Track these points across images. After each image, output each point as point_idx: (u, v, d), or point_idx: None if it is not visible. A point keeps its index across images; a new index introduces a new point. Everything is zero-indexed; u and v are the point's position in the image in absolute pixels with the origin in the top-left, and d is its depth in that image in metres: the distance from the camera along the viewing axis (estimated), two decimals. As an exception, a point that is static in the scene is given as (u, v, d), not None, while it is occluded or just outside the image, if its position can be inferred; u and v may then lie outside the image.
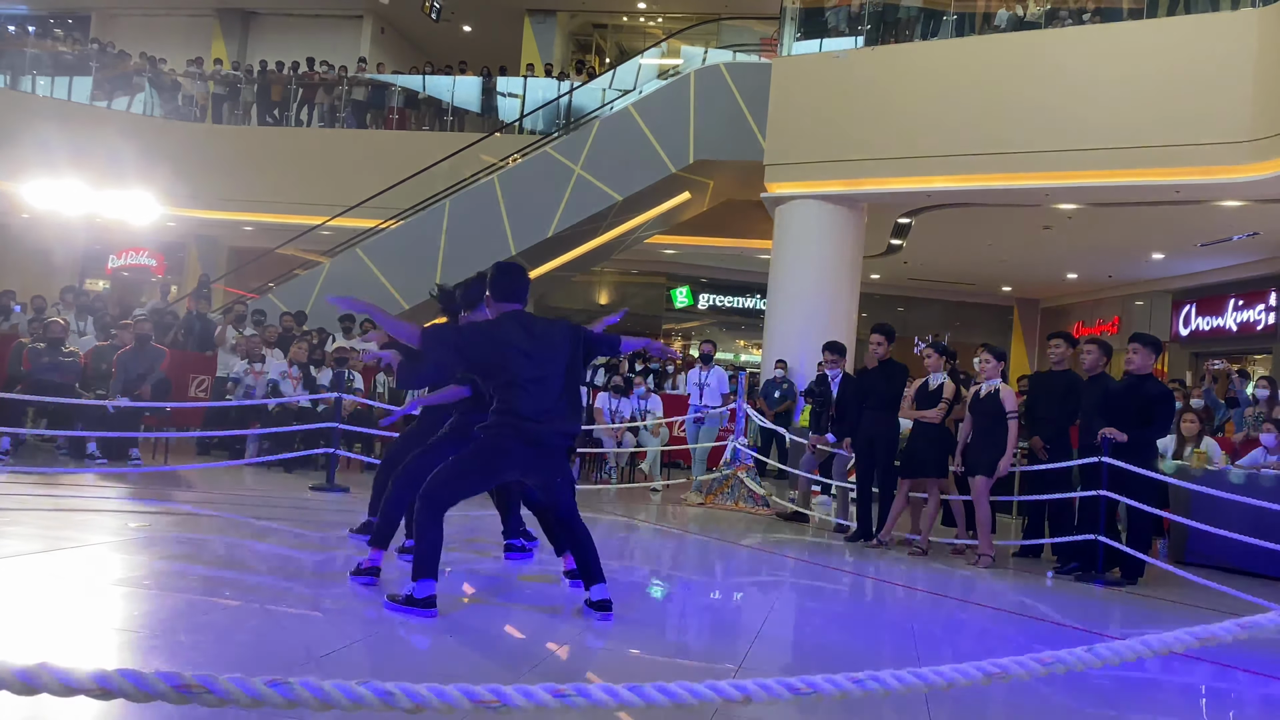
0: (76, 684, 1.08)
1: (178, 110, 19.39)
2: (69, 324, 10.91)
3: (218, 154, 18.36)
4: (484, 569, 5.99)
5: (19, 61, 18.52)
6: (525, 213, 15.18)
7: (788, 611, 5.78)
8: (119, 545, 5.76)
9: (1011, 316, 23.20)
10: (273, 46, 21.82)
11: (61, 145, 16.45)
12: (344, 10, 22.07)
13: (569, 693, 1.26)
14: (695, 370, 11.45)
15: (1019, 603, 6.39)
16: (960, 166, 12.47)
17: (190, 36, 22.33)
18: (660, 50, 19.42)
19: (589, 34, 23.45)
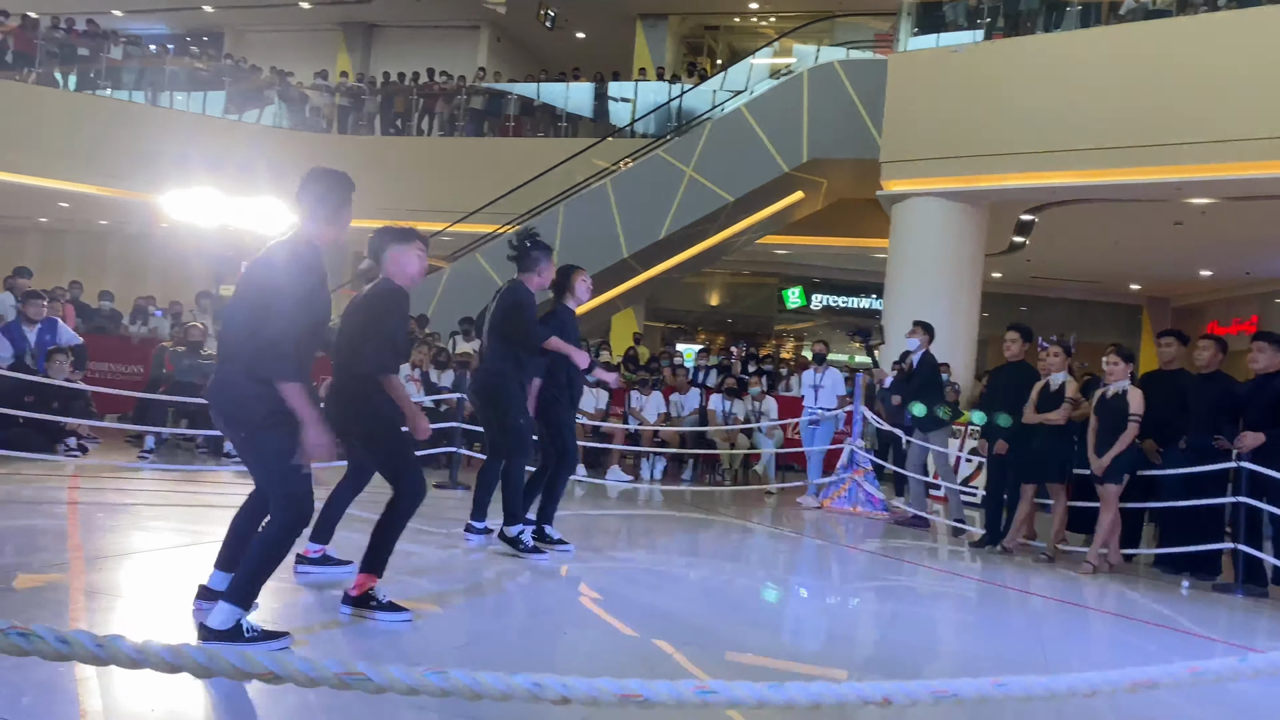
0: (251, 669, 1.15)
1: (305, 121, 20.12)
2: (206, 328, 11.42)
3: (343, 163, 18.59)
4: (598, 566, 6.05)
5: (158, 78, 19.47)
6: (637, 215, 15.29)
7: (909, 617, 5.68)
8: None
9: (1140, 316, 22.34)
10: (394, 58, 22.48)
11: (197, 157, 17.22)
12: (462, 21, 22.57)
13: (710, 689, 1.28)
14: (810, 371, 11.33)
15: (1154, 612, 6.15)
16: (1086, 161, 12.07)
17: (316, 50, 23.17)
18: (773, 50, 19.31)
19: (700, 36, 23.47)
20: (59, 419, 8.72)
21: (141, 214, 19.24)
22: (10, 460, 7.97)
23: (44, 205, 20.60)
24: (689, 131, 16.37)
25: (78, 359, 9.88)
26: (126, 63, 19.12)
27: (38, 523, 5.89)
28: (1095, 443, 7.23)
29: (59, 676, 3.08)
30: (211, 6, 23.08)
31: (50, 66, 18.42)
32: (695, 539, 7.86)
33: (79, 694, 2.96)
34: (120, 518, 6.38)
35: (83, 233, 23.01)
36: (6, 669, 3.04)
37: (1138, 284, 20.85)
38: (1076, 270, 19.70)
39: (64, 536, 5.44)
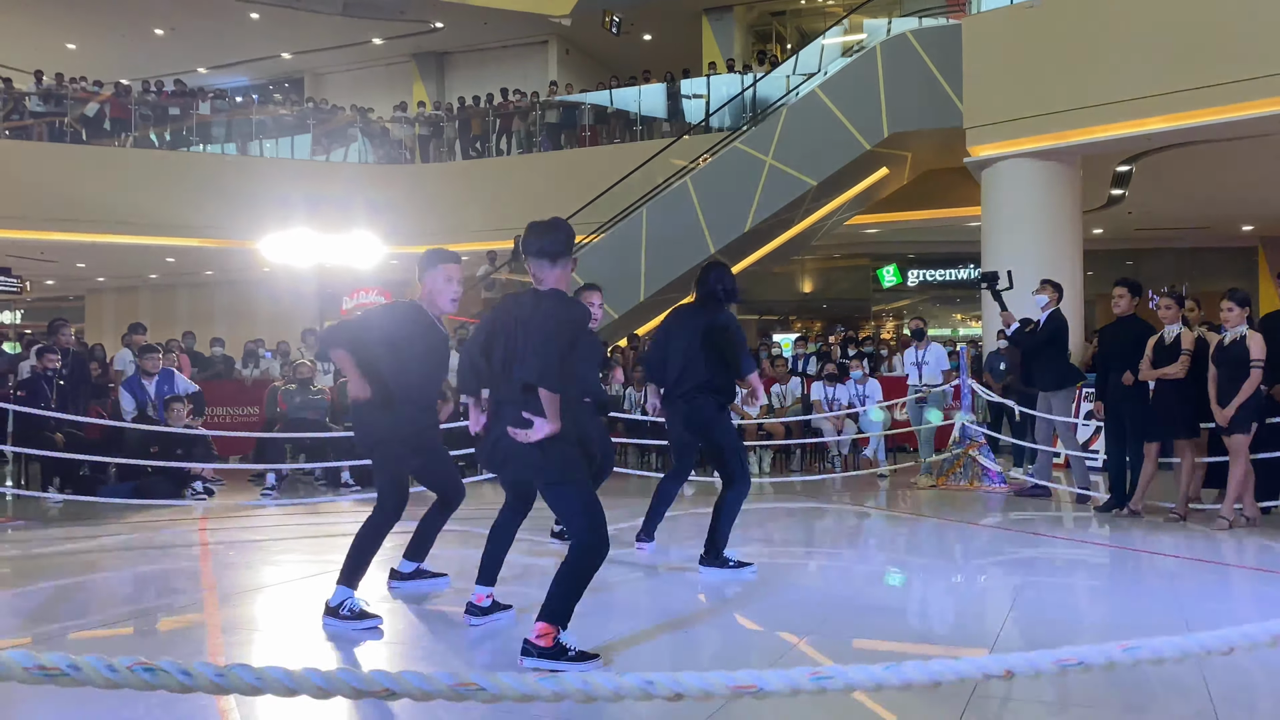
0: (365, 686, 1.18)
1: (389, 154, 20.61)
2: (314, 364, 11.76)
3: (428, 191, 19.40)
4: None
5: (246, 129, 20.17)
6: (720, 210, 15.22)
7: (1039, 589, 5.52)
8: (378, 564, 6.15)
9: (1256, 257, 21.34)
10: (467, 82, 22.87)
11: (290, 201, 17.80)
12: (529, 38, 22.82)
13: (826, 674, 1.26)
14: (911, 349, 11.13)
15: (1299, 565, 5.87)
16: (1181, 103, 11.57)
17: (392, 84, 23.71)
18: (842, 28, 19.03)
19: (768, 23, 23.27)
20: (184, 465, 9.08)
21: (244, 260, 19.95)
22: (142, 508, 8.33)
23: (152, 262, 21.55)
24: (764, 120, 16.24)
25: (196, 406, 10.27)
26: (215, 117, 19.85)
27: (173, 565, 6.14)
28: (1217, 393, 6.93)
29: (205, 712, 3.20)
30: (289, 53, 23.81)
31: (145, 129, 19.24)
32: (810, 528, 7.78)
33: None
34: (250, 554, 6.60)
35: (191, 285, 23.98)
36: (154, 707, 3.17)
37: (1250, 225, 19.92)
38: (1182, 217, 18.92)
39: (198, 576, 5.65)
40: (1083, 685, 3.55)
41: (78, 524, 7.77)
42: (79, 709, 3.20)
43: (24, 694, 3.36)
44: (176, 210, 18.28)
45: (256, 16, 21.29)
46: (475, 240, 19.06)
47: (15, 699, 3.36)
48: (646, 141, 18.32)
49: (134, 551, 6.69)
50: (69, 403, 9.33)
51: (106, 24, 21.57)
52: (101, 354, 12.87)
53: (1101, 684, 3.54)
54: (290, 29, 21.93)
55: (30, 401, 8.93)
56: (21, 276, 21.17)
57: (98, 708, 3.19)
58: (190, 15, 21.02)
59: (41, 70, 19.13)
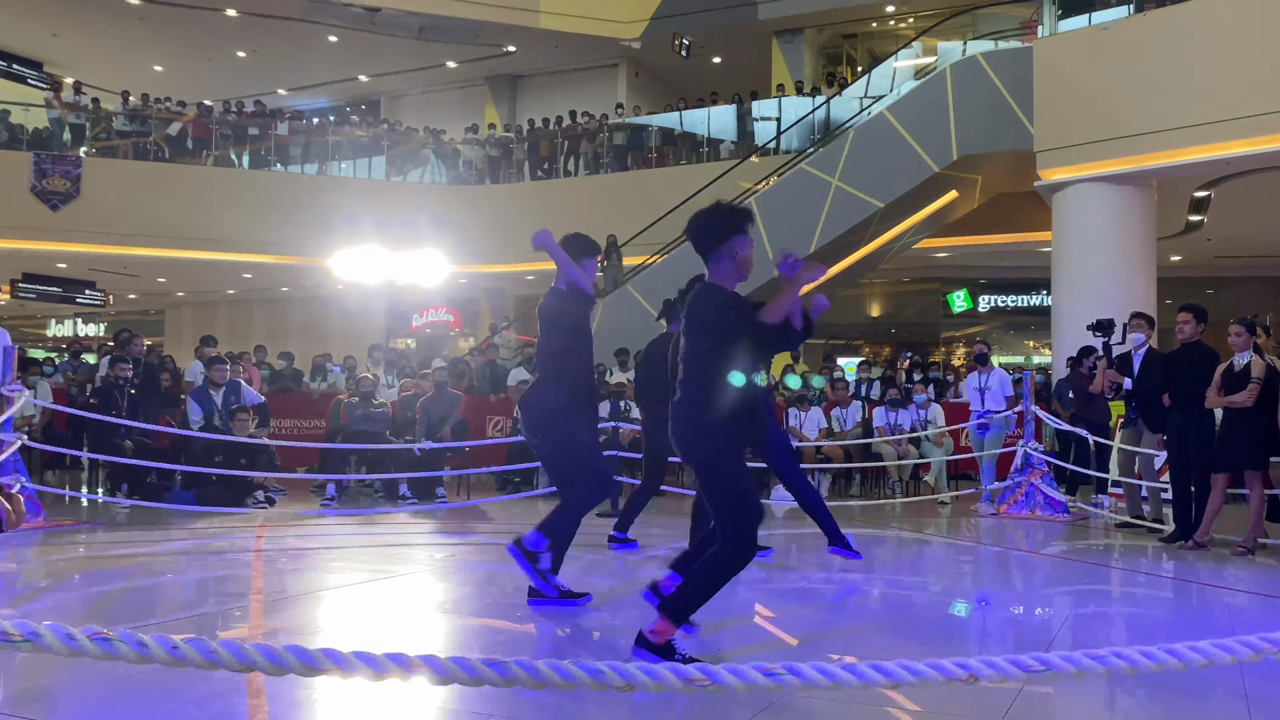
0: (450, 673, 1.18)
1: (459, 175, 20.93)
2: (379, 378, 11.94)
3: (497, 212, 19.63)
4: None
5: (323, 149, 20.64)
6: (785, 231, 15.14)
7: (1097, 620, 5.36)
8: (425, 574, 6.21)
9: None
10: (538, 104, 23.14)
11: (364, 220, 18.15)
12: (600, 61, 23.04)
13: (846, 670, 1.23)
14: (974, 374, 10.93)
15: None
16: (1260, 127, 11.26)
17: (465, 106, 24.09)
18: (914, 50, 18.87)
19: (839, 45, 23.19)
20: (247, 474, 9.27)
21: (317, 277, 20.37)
22: (205, 515, 8.52)
23: (230, 278, 22.11)
24: (832, 142, 16.15)
25: (261, 417, 10.49)
26: (293, 138, 20.35)
27: (229, 571, 6.26)
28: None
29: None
30: (366, 76, 24.35)
31: (225, 149, 19.80)
32: (868, 553, 7.66)
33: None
34: (303, 561, 6.70)
35: (266, 300, 24.54)
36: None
37: (1336, 252, 19.24)
38: (1265, 244, 18.34)
39: (248, 580, 5.75)
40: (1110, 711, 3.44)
41: (142, 529, 7.97)
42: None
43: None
44: (254, 227, 18.76)
45: (335, 40, 21.83)
46: (541, 260, 19.21)
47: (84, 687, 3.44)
48: (713, 163, 18.34)
49: (192, 556, 6.83)
50: (139, 411, 9.59)
51: (191, 47, 22.29)
52: (172, 365, 13.22)
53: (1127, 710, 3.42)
54: (367, 52, 22.43)
55: (102, 409, 9.20)
56: (105, 290, 21.90)
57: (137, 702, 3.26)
58: (271, 38, 21.63)
59: (128, 91, 19.81)
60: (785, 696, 3.34)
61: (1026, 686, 3.54)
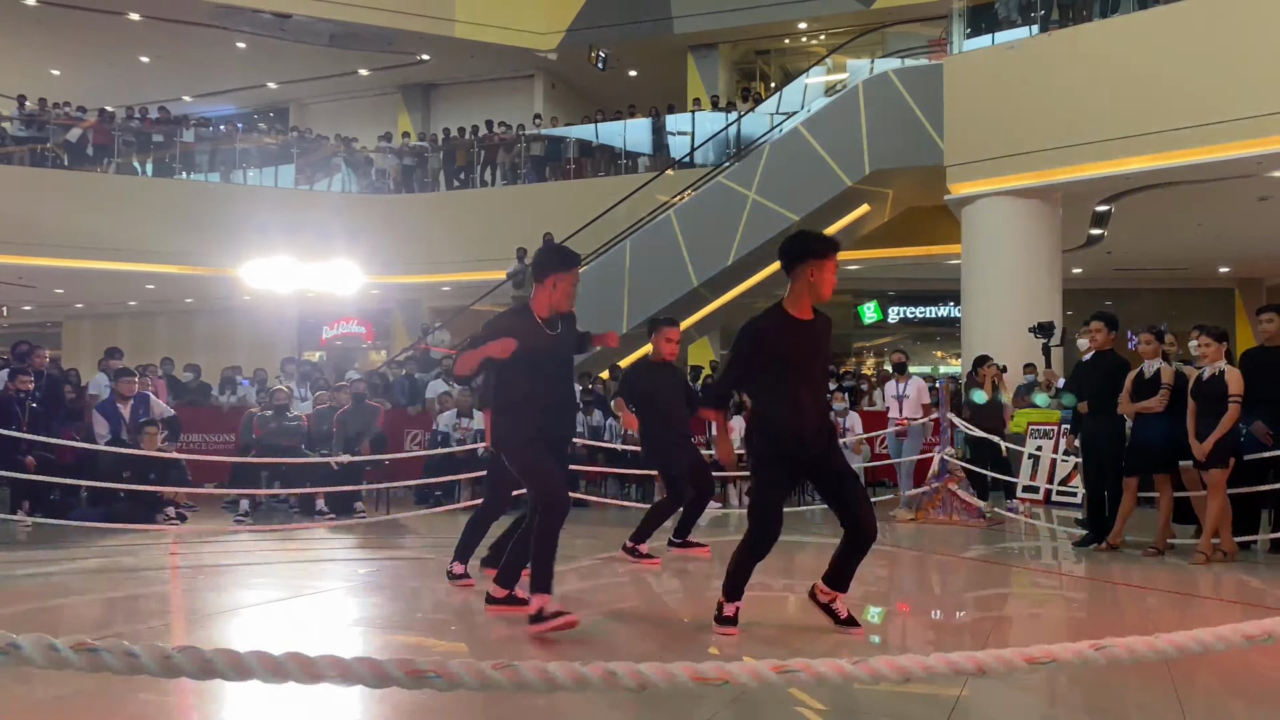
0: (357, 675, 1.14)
1: (372, 184, 20.64)
2: (292, 391, 11.68)
3: (412, 221, 19.41)
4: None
5: (230, 157, 20.15)
6: (704, 244, 15.28)
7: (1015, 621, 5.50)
8: (350, 590, 6.08)
9: (1233, 299, 21.57)
10: (453, 114, 22.96)
11: (272, 229, 17.76)
12: (516, 72, 22.97)
13: (791, 669, 1.23)
14: (891, 383, 11.15)
15: (1277, 597, 5.86)
16: (1158, 144, 11.74)
17: (378, 114, 23.79)
18: (825, 67, 19.25)
19: (752, 61, 23.51)
20: (156, 489, 8.96)
21: (224, 288, 19.87)
22: (113, 532, 8.21)
23: (132, 289, 21.42)
24: (748, 156, 16.35)
25: (171, 431, 10.17)
26: (199, 145, 19.83)
27: (143, 589, 6.04)
28: (1196, 428, 6.95)
29: None
30: (275, 83, 23.87)
31: (128, 156, 19.19)
32: (790, 560, 7.73)
33: None
34: (221, 579, 6.50)
35: (170, 312, 23.85)
36: None
37: (1227, 266, 20.15)
38: (1161, 258, 19.12)
39: (168, 600, 5.56)
40: (1050, 709, 3.52)
41: (47, 548, 7.64)
42: None
43: None
44: (158, 237, 18.20)
45: (243, 46, 21.36)
46: (458, 271, 19.07)
47: None
48: (631, 175, 18.42)
49: (103, 575, 6.58)
50: (41, 426, 9.20)
51: (92, 51, 21.59)
52: (76, 378, 12.75)
53: (1067, 710, 3.51)
54: (277, 59, 21.99)
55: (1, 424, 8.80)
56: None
57: None
58: (176, 43, 21.06)
59: (24, 95, 19.08)
60: (717, 698, 3.34)
61: (966, 689, 3.61)
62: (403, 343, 20.78)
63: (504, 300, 18.43)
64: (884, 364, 21.50)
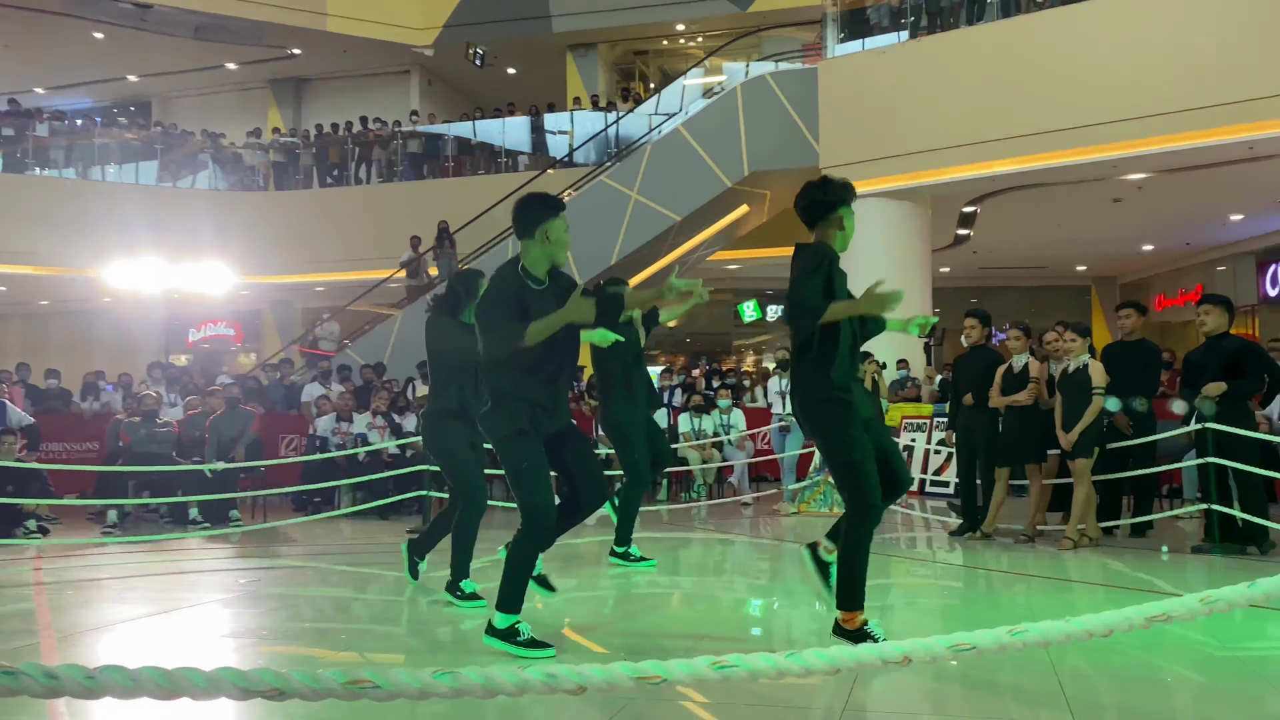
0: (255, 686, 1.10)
1: (241, 182, 19.96)
2: (160, 397, 11.22)
3: (283, 220, 18.86)
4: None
5: (88, 153, 19.22)
6: (587, 243, 15.25)
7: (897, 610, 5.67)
8: (231, 601, 5.88)
9: (1090, 296, 22.70)
10: (326, 109, 22.39)
11: (135, 228, 17.02)
12: (391, 67, 22.55)
13: (729, 664, 1.24)
14: (775, 379, 11.36)
15: (1137, 579, 6.20)
16: (1021, 148, 12.26)
17: (246, 109, 23.03)
18: (703, 69, 19.48)
19: (631, 62, 23.63)
20: (15, 501, 8.49)
21: (83, 289, 18.96)
22: (-32, 548, 7.74)
23: (-19, 291, 20.25)
24: (629, 156, 16.43)
25: (30, 440, 9.66)
26: (54, 140, 18.85)
27: (7, 607, 5.71)
28: (1062, 419, 7.29)
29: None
30: (136, 76, 22.87)
31: (-25, 150, 18.14)
32: (676, 556, 7.80)
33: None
34: (89, 593, 6.20)
35: (23, 315, 22.63)
36: None
37: (1084, 265, 21.19)
38: (1023, 257, 19.98)
39: (33, 618, 5.27)
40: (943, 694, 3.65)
41: (-108, 567, 7.16)
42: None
43: None
44: (9, 236, 17.25)
45: (101, 36, 20.38)
46: (333, 270, 18.62)
47: None
48: (511, 174, 18.28)
49: (-42, 594, 6.19)
50: (-116, 436, 8.62)
51: (-67, 38, 20.34)
52: (-77, 386, 11.95)
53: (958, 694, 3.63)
54: (137, 51, 21.06)
55: None
56: None
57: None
58: (27, 32, 19.97)
59: None
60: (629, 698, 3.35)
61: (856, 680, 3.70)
62: (274, 345, 20.17)
63: (381, 300, 18.09)
64: (764, 361, 21.91)
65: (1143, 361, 7.85)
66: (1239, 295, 16.80)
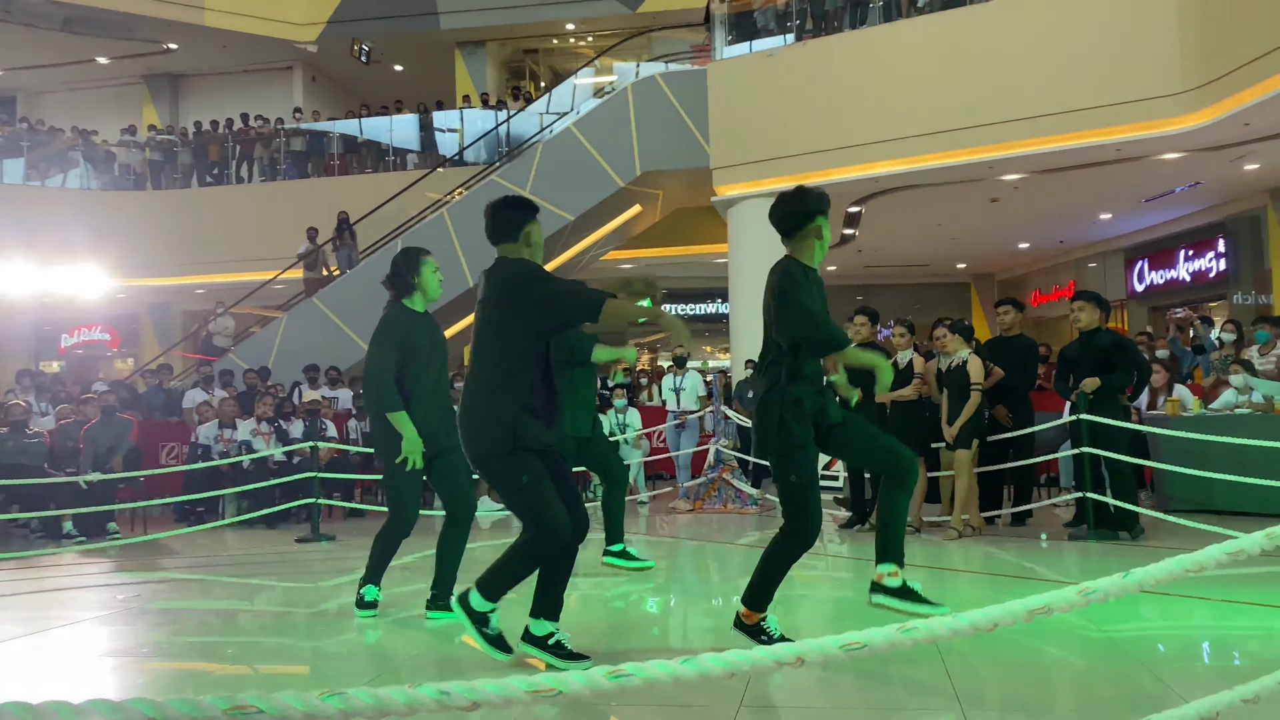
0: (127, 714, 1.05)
1: (115, 181, 19.18)
2: (29, 406, 10.71)
3: (161, 220, 18.18)
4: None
5: (-54, 150, 18.25)
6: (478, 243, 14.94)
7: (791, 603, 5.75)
8: (109, 619, 5.64)
9: (970, 293, 23.44)
10: (205, 106, 21.67)
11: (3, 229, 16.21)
12: (272, 63, 21.95)
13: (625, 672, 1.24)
14: (670, 376, 11.44)
15: (1018, 566, 6.42)
16: (903, 149, 12.59)
17: (120, 105, 22.13)
18: (594, 69, 19.49)
19: (521, 60, 23.49)
20: None
21: (-58, 294, 17.94)
22: None
23: None
24: (521, 155, 16.33)
25: (-115, 453, 9.11)
26: (-93, 135, 17.84)
27: None
28: (946, 413, 7.51)
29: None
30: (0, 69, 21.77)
31: None
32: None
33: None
34: (-47, 616, 5.87)
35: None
36: None
37: (964, 263, 21.87)
38: (906, 256, 20.52)
39: (-111, 643, 4.97)
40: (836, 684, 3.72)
41: None
42: None
43: None
44: None
45: (-42, 27, 19.36)
46: (214, 272, 18.04)
47: None
48: (399, 173, 18.00)
49: None
50: None
51: None
52: None
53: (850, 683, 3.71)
54: (1, 43, 20.06)
55: None
56: None
57: None
58: (-124, 21, 18.86)
59: None
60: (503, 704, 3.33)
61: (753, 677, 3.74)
62: (152, 350, 19.44)
63: (268, 302, 17.60)
64: (658, 359, 22.04)
65: (1021, 356, 8.14)
66: (1108, 291, 17.54)
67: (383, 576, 5.25)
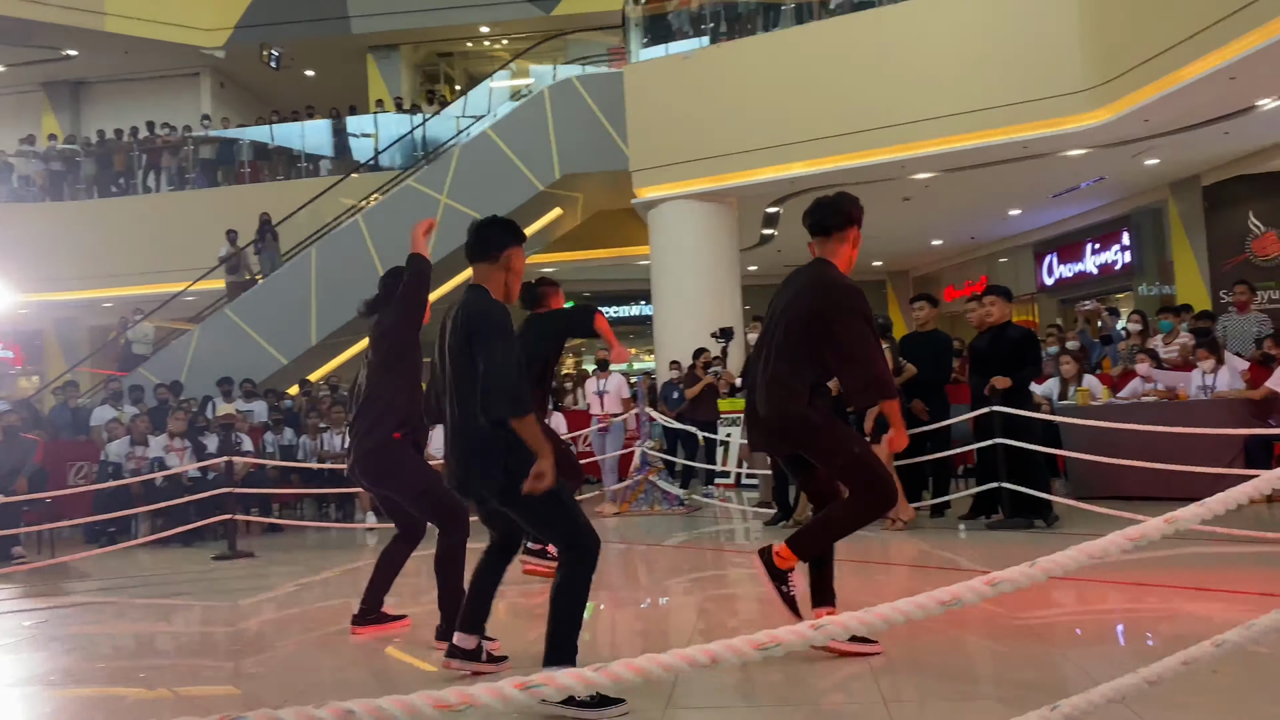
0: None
1: (14, 192, 18.52)
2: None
3: (65, 232, 17.60)
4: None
5: None
6: (395, 248, 14.79)
7: (719, 601, 5.78)
8: (15, 646, 5.43)
9: (885, 289, 23.83)
10: (108, 114, 21.04)
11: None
12: (178, 70, 21.40)
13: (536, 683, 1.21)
14: (593, 379, 11.42)
15: (941, 557, 6.54)
16: (818, 150, 12.74)
17: (18, 114, 21.39)
18: (509, 72, 19.38)
19: (435, 64, 23.26)
20: None
21: None
22: None
23: None
24: (438, 159, 16.16)
25: None
26: None
27: None
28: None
29: None
30: (-114, 77, 20.90)
31: None
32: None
33: None
34: None
35: None
36: None
37: (879, 260, 22.21)
38: (824, 254, 20.76)
39: None
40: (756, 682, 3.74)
41: None
42: None
43: None
44: None
45: None
46: (122, 285, 17.52)
47: None
48: (312, 179, 17.67)
49: None
50: None
51: None
52: None
53: (782, 682, 3.73)
54: (-113, 49, 19.26)
55: None
56: None
57: None
58: None
59: None
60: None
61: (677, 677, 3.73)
62: (58, 367, 18.80)
63: (178, 314, 17.15)
64: (581, 363, 21.99)
65: (936, 350, 8.29)
66: (1019, 285, 17.98)
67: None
